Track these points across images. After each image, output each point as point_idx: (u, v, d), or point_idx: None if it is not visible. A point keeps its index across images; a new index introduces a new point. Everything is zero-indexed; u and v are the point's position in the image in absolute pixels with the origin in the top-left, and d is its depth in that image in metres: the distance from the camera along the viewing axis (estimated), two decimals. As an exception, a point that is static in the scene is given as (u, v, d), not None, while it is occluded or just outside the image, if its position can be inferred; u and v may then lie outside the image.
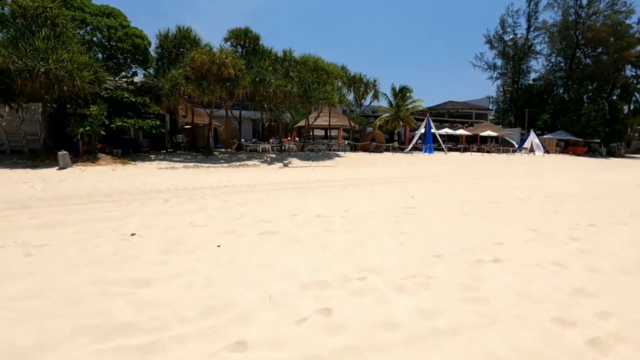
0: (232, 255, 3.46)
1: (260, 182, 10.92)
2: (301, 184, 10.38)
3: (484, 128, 38.80)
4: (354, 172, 14.91)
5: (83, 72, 13.77)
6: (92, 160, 14.33)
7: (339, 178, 12.33)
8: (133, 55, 17.78)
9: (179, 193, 8.41)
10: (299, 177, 12.35)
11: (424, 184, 10.64)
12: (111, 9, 17.27)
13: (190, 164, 15.54)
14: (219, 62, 16.34)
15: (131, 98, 16.48)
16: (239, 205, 6.48)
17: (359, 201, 7.04)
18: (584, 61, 47.78)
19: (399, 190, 9.02)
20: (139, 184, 10.10)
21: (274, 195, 7.95)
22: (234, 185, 9.97)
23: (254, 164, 16.54)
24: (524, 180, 12.68)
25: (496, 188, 9.57)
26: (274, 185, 10.00)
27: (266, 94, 17.76)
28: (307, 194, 8.25)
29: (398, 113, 27.72)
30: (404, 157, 22.97)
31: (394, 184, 10.67)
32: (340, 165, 17.87)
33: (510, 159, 28.11)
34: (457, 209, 5.95)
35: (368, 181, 11.45)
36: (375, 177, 12.87)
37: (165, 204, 6.73)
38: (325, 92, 19.31)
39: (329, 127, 27.53)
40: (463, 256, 3.55)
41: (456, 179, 12.53)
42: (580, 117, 41.14)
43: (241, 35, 19.40)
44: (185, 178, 11.56)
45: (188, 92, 16.06)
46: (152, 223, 4.92)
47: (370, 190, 8.87)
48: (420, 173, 15.18)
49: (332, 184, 10.40)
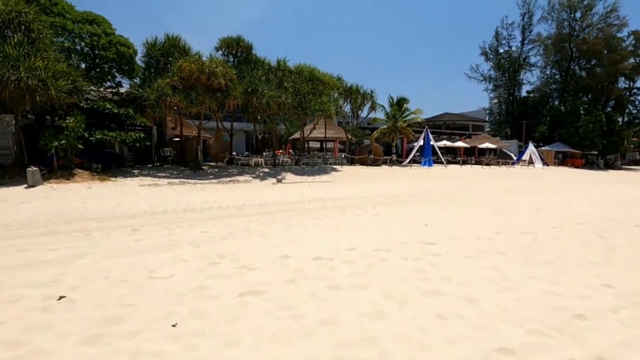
0: (190, 344, 2.27)
1: (250, 202, 9.79)
2: (296, 205, 9.26)
3: (481, 140, 38.19)
4: (353, 188, 13.85)
5: (59, 81, 12.67)
6: (66, 177, 13.10)
7: (337, 196, 11.25)
8: (118, 64, 16.74)
9: (154, 219, 7.25)
10: (294, 196, 11.25)
11: (433, 205, 9.58)
12: (95, 16, 16.29)
13: (176, 180, 14.37)
14: (209, 72, 15.36)
15: (114, 109, 15.36)
16: (220, 239, 5.34)
17: (365, 231, 5.94)
18: (579, 73, 47.86)
19: (407, 214, 7.95)
20: (112, 206, 8.93)
21: (264, 221, 6.82)
22: (219, 207, 8.83)
23: (245, 180, 15.42)
24: (539, 198, 11.71)
25: (516, 211, 8.54)
26: (265, 207, 8.87)
27: (259, 105, 16.77)
28: (302, 219, 7.14)
29: (395, 125, 26.91)
30: (403, 171, 22.02)
31: (400, 205, 9.60)
32: (337, 180, 16.81)
33: (511, 172, 27.34)
34: (488, 246, 4.87)
35: (370, 201, 10.37)
36: (377, 195, 11.80)
37: (131, 237, 5.57)
38: (321, 103, 18.39)
39: (324, 139, 26.59)
40: (542, 348, 2.29)
41: (466, 198, 11.51)
42: (578, 128, 40.84)
43: (233, 44, 18.51)
44: (166, 198, 10.40)
45: (174, 103, 15.00)
46: (100, 272, 3.76)
47: (374, 214, 7.79)
48: (424, 189, 14.17)
49: (330, 205, 9.30)
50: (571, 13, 45.48)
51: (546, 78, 51.03)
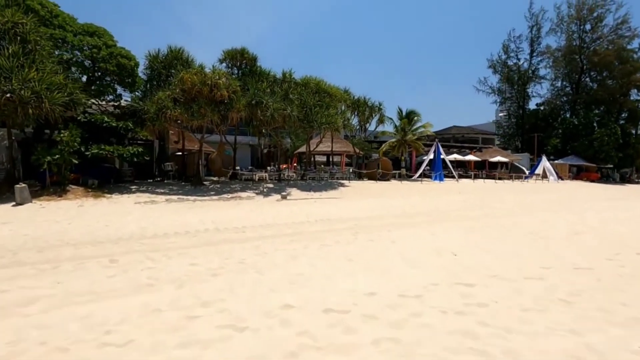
0: None
1: (250, 222, 8.90)
2: (301, 227, 8.34)
3: (492, 153, 37.10)
4: (363, 205, 12.90)
5: (54, 93, 12.09)
6: (59, 194, 12.38)
7: (346, 215, 10.31)
8: (118, 77, 16.25)
9: (140, 245, 6.37)
10: (299, 214, 10.33)
11: (453, 227, 8.58)
12: (96, 28, 15.91)
13: (175, 197, 13.57)
14: (211, 83, 14.74)
15: (112, 123, 14.76)
16: (209, 275, 4.42)
17: (383, 265, 4.98)
18: (590, 85, 46.84)
19: (428, 238, 6.97)
20: (98, 227, 8.10)
21: (263, 249, 5.90)
22: (216, 229, 7.94)
23: (248, 196, 14.56)
24: (568, 217, 10.63)
25: (551, 235, 7.50)
26: (267, 229, 7.96)
27: (263, 118, 16.06)
28: (309, 246, 6.20)
29: (404, 138, 26.04)
30: (413, 186, 21.01)
31: (417, 226, 8.62)
32: (345, 196, 15.87)
33: (525, 186, 26.14)
34: (543, 289, 3.81)
35: (383, 221, 9.40)
36: (390, 214, 10.83)
37: (105, 270, 4.68)
38: (328, 115, 17.64)
39: (331, 153, 25.79)
40: None
41: (487, 217, 10.48)
42: (592, 141, 39.63)
43: (237, 55, 18.01)
44: (161, 217, 9.55)
45: (175, 116, 14.34)
46: (40, 332, 2.85)
47: (390, 239, 6.82)
48: (439, 206, 13.16)
49: (339, 227, 8.36)
50: (581, 25, 44.83)
51: (556, 90, 50.08)
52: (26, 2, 14.23)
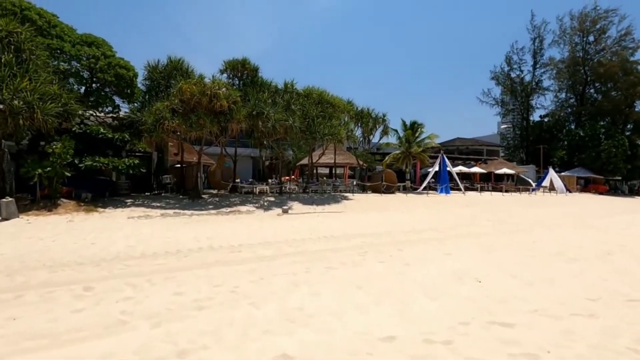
0: None
1: (248, 239, 8.23)
2: (303, 245, 7.66)
3: (498, 165, 36.44)
4: (368, 219, 12.21)
5: (47, 103, 11.64)
6: (49, 208, 11.80)
7: (351, 231, 9.62)
8: (116, 87, 15.86)
9: (123, 267, 5.72)
10: (301, 230, 9.66)
11: (469, 244, 7.87)
12: (94, 38, 15.62)
13: (171, 211, 12.94)
14: (210, 94, 14.31)
15: (108, 134, 14.28)
16: (194, 309, 3.75)
17: (399, 295, 4.29)
18: (595, 97, 46.42)
19: (444, 260, 6.27)
20: (84, 245, 7.46)
21: (260, 273, 5.23)
22: (211, 248, 7.27)
23: (248, 210, 13.91)
24: (590, 233, 9.89)
25: (581, 256, 6.79)
26: (265, 248, 7.28)
27: (265, 129, 15.55)
28: (311, 269, 5.53)
29: (409, 150, 25.46)
30: (419, 199, 20.30)
31: (429, 244, 7.92)
32: (349, 210, 15.19)
33: (534, 199, 25.35)
34: (599, 333, 3.16)
35: (391, 238, 8.71)
36: (397, 230, 10.13)
37: (74, 302, 4.02)
38: (331, 126, 17.12)
39: (334, 165, 25.22)
40: None
41: (502, 234, 9.76)
42: (600, 153, 38.95)
43: (238, 66, 17.65)
44: (153, 233, 8.91)
45: (173, 127, 13.85)
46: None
47: (402, 260, 6.13)
48: (448, 221, 12.45)
49: (344, 245, 7.68)
50: (584, 37, 44.73)
51: (560, 102, 49.69)
52: (24, 12, 13.97)
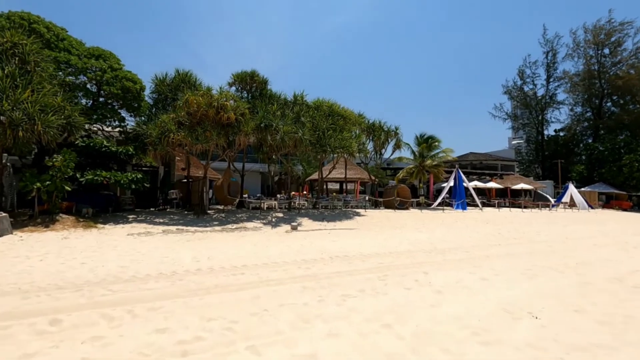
0: None
1: (253, 259, 7.40)
2: (313, 267, 6.78)
3: (514, 180, 35.09)
4: (384, 238, 11.26)
5: (49, 115, 11.25)
6: (46, 224, 11.20)
7: (367, 250, 8.71)
8: (123, 100, 15.55)
9: (107, 293, 4.95)
10: (311, 250, 8.79)
11: (503, 267, 6.88)
12: (102, 51, 15.46)
13: (173, 227, 12.22)
14: (217, 105, 13.83)
15: (112, 147, 13.82)
16: (175, 355, 2.91)
17: (438, 337, 3.37)
18: (612, 110, 45.04)
19: (481, 284, 5.33)
20: (72, 265, 6.74)
21: (263, 303, 4.38)
22: (211, 270, 6.46)
23: (255, 227, 13.11)
24: (636, 254, 8.76)
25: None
26: (271, 270, 6.42)
27: (273, 142, 14.92)
28: (325, 299, 4.66)
29: (423, 164, 24.54)
30: (436, 215, 19.22)
31: (458, 267, 6.96)
32: (362, 227, 14.25)
33: (557, 215, 23.94)
34: None
35: (413, 259, 7.76)
36: (418, 249, 9.16)
37: (30, 343, 3.23)
38: (342, 139, 16.42)
39: (345, 180, 24.39)
40: None
41: (537, 254, 8.71)
42: (622, 167, 37.30)
43: (246, 78, 17.26)
44: (150, 252, 8.16)
45: (178, 140, 13.32)
46: None
47: (431, 287, 5.21)
48: (472, 240, 11.42)
49: (361, 267, 6.78)
50: (599, 50, 43.81)
51: (576, 116, 48.34)
52: (32, 25, 13.88)
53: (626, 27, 41.81)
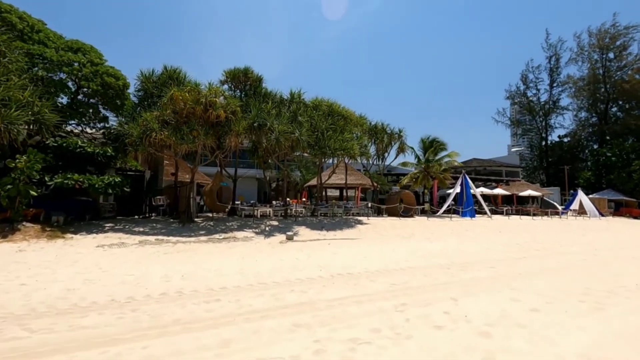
0: None
1: (237, 279, 6.00)
2: (310, 289, 5.37)
3: (521, 187, 33.79)
4: (392, 249, 9.86)
5: (11, 110, 9.91)
6: (4, 234, 9.77)
7: (374, 266, 7.31)
8: (103, 98, 14.24)
9: (20, 337, 3.53)
10: (308, 266, 7.38)
11: (552, 288, 5.50)
12: (81, 44, 14.21)
13: (152, 238, 10.79)
14: (206, 102, 12.53)
15: (88, 148, 12.46)
16: None
17: None
18: (618, 115, 43.96)
19: (533, 320, 3.95)
20: (9, 288, 5.37)
21: (238, 350, 2.96)
22: (179, 294, 5.06)
23: (245, 237, 11.69)
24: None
25: None
26: (258, 295, 5.02)
27: (267, 143, 13.59)
28: (325, 345, 3.28)
29: (428, 169, 23.19)
30: (443, 223, 17.82)
31: (488, 286, 5.56)
32: (365, 236, 12.85)
33: (570, 223, 22.54)
34: None
35: (432, 277, 6.36)
36: (433, 264, 7.76)
37: None
38: (342, 140, 15.08)
39: (345, 186, 23.00)
40: None
41: (574, 267, 7.32)
42: (631, 174, 36.07)
43: (240, 75, 16.00)
44: (114, 269, 6.75)
45: (161, 140, 11.97)
46: None
47: (473, 326, 3.83)
48: (491, 251, 10.03)
49: (369, 290, 5.39)
50: (603, 54, 42.91)
51: (581, 121, 47.22)
52: (3, 14, 12.64)
53: (631, 31, 40.98)
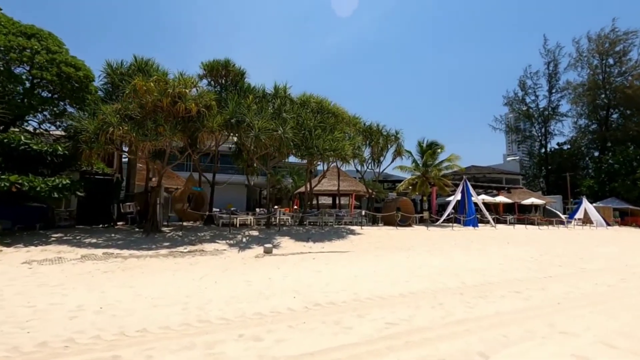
0: None
1: (174, 313, 4.23)
2: (269, 339, 3.62)
3: (523, 195, 32.31)
4: (389, 266, 8.12)
5: None
6: None
7: (364, 291, 5.57)
8: (61, 90, 12.51)
9: None
10: (279, 291, 5.62)
11: (620, 334, 3.77)
12: (37, 30, 12.53)
13: (100, 252, 8.96)
14: (173, 93, 10.84)
15: (33, 145, 10.67)
16: None
17: None
18: (619, 121, 42.91)
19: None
20: None
21: None
22: (97, 338, 3.24)
23: (215, 250, 9.89)
24: None
25: None
26: (184, 349, 3.23)
27: (246, 142, 11.90)
28: None
29: (426, 175, 21.56)
30: (445, 233, 16.10)
31: (531, 332, 3.86)
32: (358, 249, 11.09)
33: (579, 233, 20.92)
34: None
35: (443, 309, 4.65)
36: (441, 287, 6.04)
37: None
38: (332, 140, 13.42)
39: (338, 193, 21.28)
40: None
41: (622, 290, 5.64)
42: (636, 181, 34.76)
43: (219, 68, 14.36)
44: (11, 299, 4.93)
45: (119, 135, 10.23)
46: None
47: None
48: (507, 268, 8.32)
49: (359, 336, 3.65)
50: (603, 59, 42.03)
51: (581, 129, 46.11)
52: (-60, -8, 10.96)
53: (631, 37, 40.19)
